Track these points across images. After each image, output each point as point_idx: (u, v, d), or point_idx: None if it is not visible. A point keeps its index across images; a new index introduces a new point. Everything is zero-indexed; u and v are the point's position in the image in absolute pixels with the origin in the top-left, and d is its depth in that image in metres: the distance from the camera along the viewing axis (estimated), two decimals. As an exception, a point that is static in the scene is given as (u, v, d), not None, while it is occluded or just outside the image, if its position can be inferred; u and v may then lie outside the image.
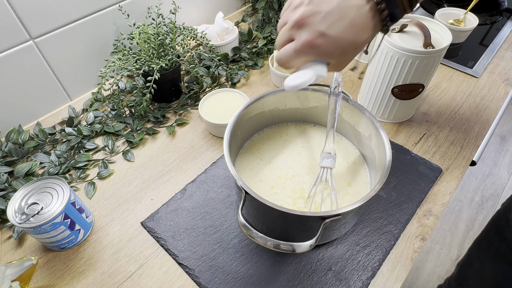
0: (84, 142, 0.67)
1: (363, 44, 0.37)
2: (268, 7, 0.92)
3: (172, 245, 0.53)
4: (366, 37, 0.36)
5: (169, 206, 0.58)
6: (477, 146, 0.66)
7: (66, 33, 0.68)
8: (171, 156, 0.66)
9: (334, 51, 0.36)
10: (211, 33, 0.82)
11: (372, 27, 0.35)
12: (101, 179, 0.62)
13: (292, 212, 0.41)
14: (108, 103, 0.73)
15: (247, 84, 0.80)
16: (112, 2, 0.72)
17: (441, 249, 1.42)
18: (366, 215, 0.56)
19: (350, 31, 0.35)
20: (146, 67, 0.66)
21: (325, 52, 0.36)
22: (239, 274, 0.50)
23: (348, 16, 0.34)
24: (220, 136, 0.69)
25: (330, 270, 0.51)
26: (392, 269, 0.51)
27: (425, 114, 0.72)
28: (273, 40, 0.89)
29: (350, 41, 0.35)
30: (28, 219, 0.47)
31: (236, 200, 0.58)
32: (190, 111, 0.74)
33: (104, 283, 0.50)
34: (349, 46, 0.36)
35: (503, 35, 0.93)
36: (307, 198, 0.52)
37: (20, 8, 0.60)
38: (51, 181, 0.51)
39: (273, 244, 0.40)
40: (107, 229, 0.56)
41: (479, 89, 0.78)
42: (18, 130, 0.66)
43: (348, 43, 0.36)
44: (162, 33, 0.69)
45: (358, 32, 0.35)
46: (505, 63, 0.85)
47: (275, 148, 0.58)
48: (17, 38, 0.62)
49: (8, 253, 0.53)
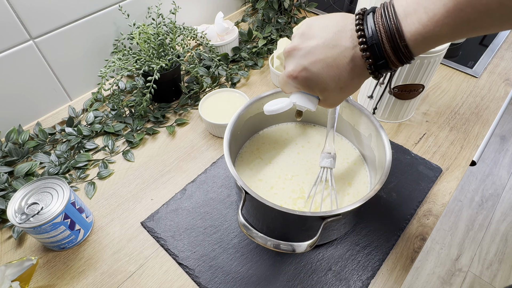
0: (84, 142, 0.67)
1: (351, 86, 0.36)
2: (268, 7, 0.92)
3: (172, 245, 0.53)
4: (352, 79, 0.35)
5: (169, 206, 0.58)
6: (477, 146, 0.66)
7: (66, 33, 0.68)
8: (171, 156, 0.66)
9: (315, 86, 0.37)
10: (211, 33, 0.83)
11: (359, 72, 0.34)
12: (101, 179, 0.62)
13: (292, 212, 0.41)
14: (108, 103, 0.73)
15: (247, 84, 0.80)
16: (112, 2, 0.72)
17: (441, 249, 1.42)
18: (366, 215, 0.56)
19: (332, 70, 0.34)
20: (146, 67, 0.66)
21: (307, 85, 0.37)
22: (239, 274, 0.50)
23: (331, 55, 0.34)
24: (220, 136, 0.69)
25: (330, 270, 0.51)
26: (392, 269, 0.51)
27: (425, 114, 0.72)
28: (273, 40, 0.89)
29: (332, 80, 0.35)
30: (28, 219, 0.47)
31: (236, 200, 0.58)
32: (190, 111, 0.74)
33: (104, 283, 0.50)
34: (331, 85, 0.36)
35: (503, 35, 0.93)
36: (307, 198, 0.52)
37: (20, 8, 0.60)
38: (51, 181, 0.51)
39: (273, 244, 0.40)
40: (107, 229, 0.56)
41: (479, 89, 0.78)
42: (18, 130, 0.66)
43: (330, 81, 0.35)
44: (162, 33, 0.69)
45: (341, 73, 0.34)
46: (505, 63, 0.85)
47: (275, 148, 0.58)
48: (17, 38, 0.62)
49: (8, 253, 0.53)
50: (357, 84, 0.36)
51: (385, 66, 0.32)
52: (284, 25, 0.93)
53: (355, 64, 0.34)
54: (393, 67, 0.33)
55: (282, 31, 0.91)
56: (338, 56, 0.34)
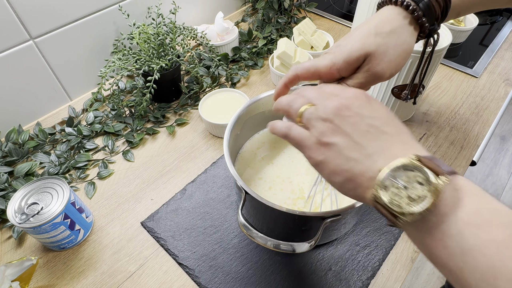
0: (84, 142, 0.67)
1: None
2: (268, 7, 0.92)
3: (172, 245, 0.53)
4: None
5: (169, 206, 0.58)
6: (477, 146, 0.66)
7: (66, 33, 0.68)
8: (171, 156, 0.66)
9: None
10: (211, 33, 0.83)
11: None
12: (101, 179, 0.62)
13: (292, 212, 0.40)
14: (108, 103, 0.73)
15: (247, 84, 0.80)
16: (112, 2, 0.72)
17: (441, 249, 1.42)
18: (366, 215, 0.56)
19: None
20: (146, 67, 0.66)
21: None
22: (239, 274, 0.50)
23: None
24: (220, 136, 0.69)
25: (330, 270, 0.51)
26: (392, 269, 0.51)
27: (425, 114, 0.72)
28: (273, 40, 0.89)
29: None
30: (28, 219, 0.47)
31: (236, 200, 0.58)
32: (190, 111, 0.74)
33: (104, 283, 0.50)
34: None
35: (503, 35, 0.93)
36: (307, 198, 0.52)
37: (20, 8, 0.60)
38: (51, 181, 0.51)
39: (273, 244, 0.40)
40: (107, 229, 0.56)
41: (479, 89, 0.78)
42: (18, 130, 0.66)
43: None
44: (162, 33, 0.69)
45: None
46: (505, 63, 0.85)
47: (275, 147, 0.58)
48: (17, 38, 0.62)
49: (8, 253, 0.53)
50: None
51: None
52: (284, 25, 0.93)
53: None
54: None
55: (282, 31, 0.91)
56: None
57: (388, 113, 0.31)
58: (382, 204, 0.26)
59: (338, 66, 0.36)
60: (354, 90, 0.32)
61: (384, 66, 0.36)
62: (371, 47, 0.35)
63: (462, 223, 0.24)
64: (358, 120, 0.29)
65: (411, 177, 0.25)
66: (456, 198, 0.25)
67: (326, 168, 0.30)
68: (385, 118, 0.30)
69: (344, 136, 0.29)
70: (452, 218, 0.24)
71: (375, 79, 0.37)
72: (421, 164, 0.25)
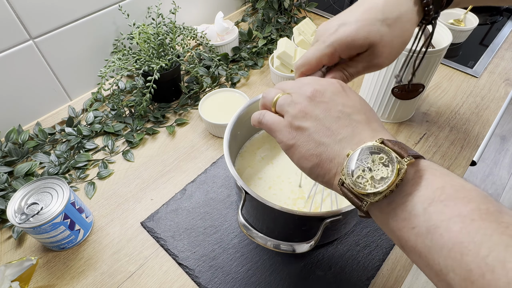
0: (84, 142, 0.67)
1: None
2: (268, 7, 0.92)
3: (172, 245, 0.53)
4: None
5: (169, 206, 0.58)
6: (477, 146, 0.66)
7: (66, 33, 0.68)
8: (171, 156, 0.66)
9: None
10: (211, 33, 0.82)
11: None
12: (101, 179, 0.62)
13: (292, 212, 0.40)
14: (108, 103, 0.73)
15: (247, 84, 0.80)
16: (112, 2, 0.72)
17: (441, 249, 1.42)
18: (366, 215, 0.56)
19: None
20: (146, 67, 0.66)
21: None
22: (239, 274, 0.50)
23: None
24: (220, 136, 0.69)
25: (330, 270, 0.50)
26: (392, 269, 0.51)
27: (425, 114, 0.72)
28: (273, 40, 0.89)
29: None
30: (28, 219, 0.47)
31: (236, 200, 0.58)
32: (190, 111, 0.74)
33: (104, 283, 0.50)
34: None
35: (503, 35, 0.93)
36: (307, 198, 0.52)
37: (20, 8, 0.60)
38: (51, 181, 0.51)
39: (273, 244, 0.39)
40: (107, 229, 0.56)
41: (479, 89, 0.78)
42: (18, 130, 0.66)
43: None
44: (162, 33, 0.69)
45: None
46: (505, 63, 0.85)
47: (275, 147, 0.58)
48: (17, 38, 0.62)
49: (8, 253, 0.53)
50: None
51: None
52: (284, 25, 0.93)
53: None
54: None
55: (282, 31, 0.91)
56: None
57: (361, 102, 0.32)
58: (347, 187, 0.27)
59: (339, 53, 0.36)
60: (329, 79, 0.33)
61: (384, 58, 0.37)
62: (376, 37, 0.35)
63: (426, 201, 0.24)
64: (331, 106, 0.30)
65: (376, 159, 0.26)
66: (420, 178, 0.25)
67: (297, 152, 0.31)
68: (357, 106, 0.31)
69: (315, 120, 0.30)
70: (416, 197, 0.24)
71: (373, 69, 0.38)
72: (385, 146, 0.26)
